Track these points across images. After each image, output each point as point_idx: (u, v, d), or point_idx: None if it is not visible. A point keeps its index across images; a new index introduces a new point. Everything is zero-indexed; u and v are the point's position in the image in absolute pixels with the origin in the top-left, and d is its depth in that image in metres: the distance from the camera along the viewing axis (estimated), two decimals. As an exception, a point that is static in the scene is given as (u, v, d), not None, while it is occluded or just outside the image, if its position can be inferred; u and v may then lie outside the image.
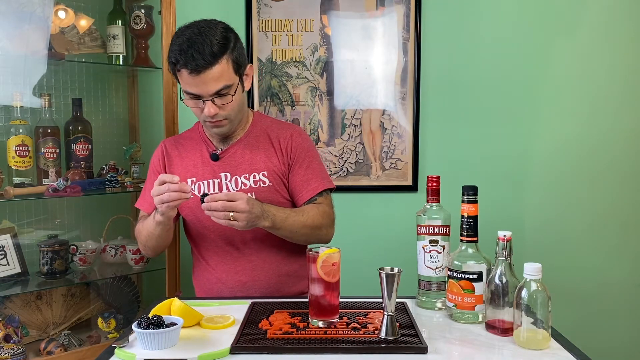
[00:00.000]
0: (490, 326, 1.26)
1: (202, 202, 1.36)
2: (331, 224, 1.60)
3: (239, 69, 1.48)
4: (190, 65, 1.39)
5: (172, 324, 1.17)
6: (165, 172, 1.61)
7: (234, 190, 1.55)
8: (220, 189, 1.56)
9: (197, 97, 1.45)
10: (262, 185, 1.56)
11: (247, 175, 1.56)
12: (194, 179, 1.58)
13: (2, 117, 1.92)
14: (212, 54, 1.40)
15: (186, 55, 1.40)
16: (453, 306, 1.33)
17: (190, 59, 1.39)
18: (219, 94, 1.44)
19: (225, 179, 1.57)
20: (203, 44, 1.40)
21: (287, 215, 1.48)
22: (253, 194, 1.54)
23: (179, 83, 1.50)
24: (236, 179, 1.56)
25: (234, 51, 1.46)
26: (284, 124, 1.69)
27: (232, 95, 1.46)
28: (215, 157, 1.58)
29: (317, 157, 1.65)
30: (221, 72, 1.42)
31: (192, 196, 1.40)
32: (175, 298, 1.30)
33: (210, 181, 1.57)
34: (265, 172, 1.56)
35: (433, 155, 2.38)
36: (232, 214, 1.35)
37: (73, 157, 1.98)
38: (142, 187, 2.05)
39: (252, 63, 1.53)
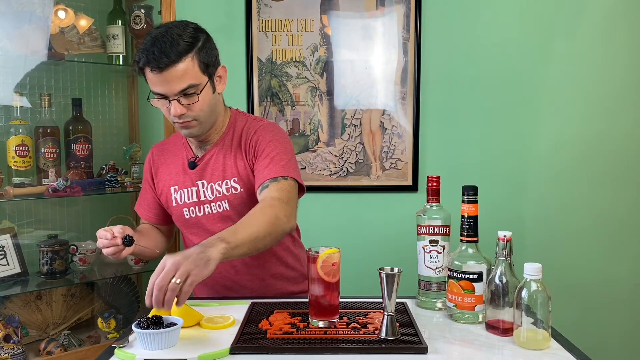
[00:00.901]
0: (491, 326, 1.26)
1: (125, 245, 1.39)
2: (284, 208, 1.36)
3: (208, 69, 1.42)
4: (153, 63, 1.36)
5: (172, 324, 1.17)
6: (154, 180, 1.62)
7: (210, 198, 1.52)
8: (198, 197, 1.53)
9: (163, 97, 1.41)
10: (234, 192, 1.50)
11: (220, 183, 1.51)
12: (176, 187, 1.56)
13: (2, 117, 1.92)
14: (177, 52, 1.36)
15: (148, 53, 1.36)
16: (453, 306, 1.33)
17: (152, 56, 1.35)
18: (184, 93, 1.39)
19: (202, 187, 1.53)
20: (167, 42, 1.36)
21: (235, 228, 1.28)
22: (226, 201, 1.50)
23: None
24: (212, 187, 1.52)
25: (202, 50, 1.41)
26: (256, 121, 1.57)
27: (198, 94, 1.41)
28: (192, 165, 1.54)
29: (283, 148, 1.49)
30: (185, 70, 1.37)
31: (121, 244, 1.38)
32: (176, 298, 1.30)
33: (189, 189, 1.54)
34: (236, 178, 1.50)
35: (433, 155, 2.38)
36: (173, 280, 1.11)
37: (73, 157, 1.98)
38: (142, 187, 2.06)
39: (224, 65, 1.50)
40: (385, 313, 1.19)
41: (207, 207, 1.53)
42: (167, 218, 1.64)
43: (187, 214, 1.55)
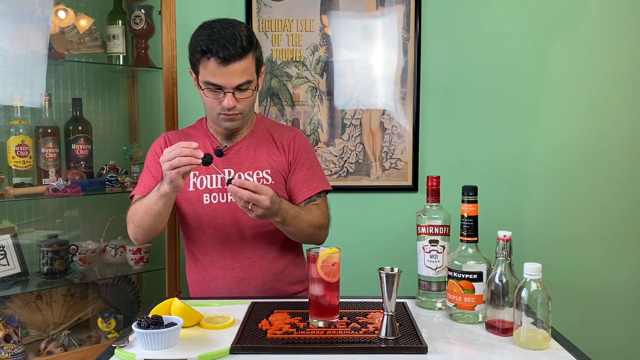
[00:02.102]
0: (490, 326, 1.26)
1: (228, 184, 1.35)
2: (328, 225, 1.63)
3: (259, 68, 1.55)
4: (223, 54, 1.43)
5: (172, 324, 1.17)
6: None
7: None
8: (223, 184, 1.57)
9: (218, 88, 1.48)
10: (265, 182, 1.58)
11: (250, 172, 1.58)
12: (197, 172, 1.59)
13: (2, 117, 1.92)
14: (242, 47, 1.46)
15: (218, 44, 1.44)
16: (453, 306, 1.33)
17: (222, 47, 1.43)
18: (240, 87, 1.48)
19: (229, 175, 1.57)
20: (234, 37, 1.45)
21: (297, 213, 1.51)
22: None
23: (195, 74, 1.53)
24: (239, 175, 1.58)
25: (257, 50, 1.52)
26: (285, 126, 1.76)
27: (253, 90, 1.52)
28: (219, 153, 1.59)
29: (317, 159, 1.70)
30: (246, 66, 1.47)
31: (200, 163, 1.34)
32: (175, 298, 1.30)
33: (214, 176, 1.58)
34: (269, 170, 1.60)
35: (433, 155, 2.38)
36: (246, 205, 1.37)
37: (73, 157, 1.98)
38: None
39: (265, 66, 1.61)
40: (385, 313, 1.19)
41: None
42: None
43: (206, 199, 1.57)
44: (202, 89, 1.51)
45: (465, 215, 1.33)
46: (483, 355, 1.16)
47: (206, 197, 1.57)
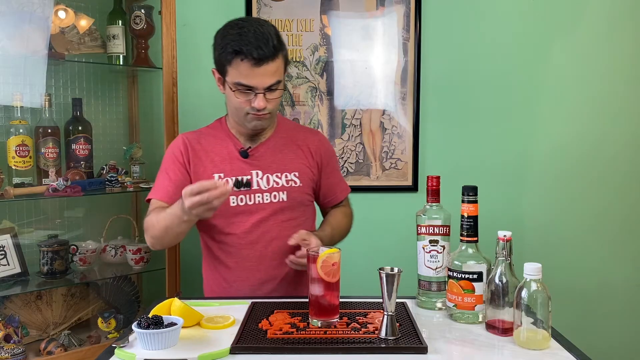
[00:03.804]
0: (490, 326, 1.26)
1: (238, 187, 1.33)
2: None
3: (286, 67, 1.54)
4: (257, 54, 1.41)
5: (172, 324, 1.17)
6: (189, 165, 1.58)
7: (265, 187, 1.57)
8: (251, 186, 1.58)
9: (249, 89, 1.45)
10: (293, 185, 1.60)
11: (279, 174, 1.59)
12: (222, 174, 1.56)
13: (2, 117, 1.92)
14: (274, 46, 1.43)
15: (252, 45, 1.41)
16: (453, 306, 1.33)
17: (256, 48, 1.41)
18: (270, 88, 1.47)
19: (256, 177, 1.57)
20: (267, 38, 1.43)
21: (331, 235, 1.63)
22: (285, 192, 1.58)
23: (221, 75, 1.49)
24: (267, 177, 1.58)
25: (285, 49, 1.50)
26: (307, 128, 1.79)
27: (281, 90, 1.51)
28: (245, 154, 1.58)
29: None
30: (277, 66, 1.46)
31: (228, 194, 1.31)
32: (175, 298, 1.30)
33: (240, 178, 1.57)
34: (297, 173, 1.61)
35: (433, 155, 2.38)
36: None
37: (73, 157, 1.98)
38: (142, 187, 2.06)
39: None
40: (385, 313, 1.19)
41: (259, 197, 1.57)
42: None
43: (233, 202, 1.55)
44: (233, 90, 1.47)
45: (465, 215, 1.33)
46: (483, 355, 1.16)
47: (233, 199, 1.55)
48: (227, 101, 1.54)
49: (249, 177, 1.54)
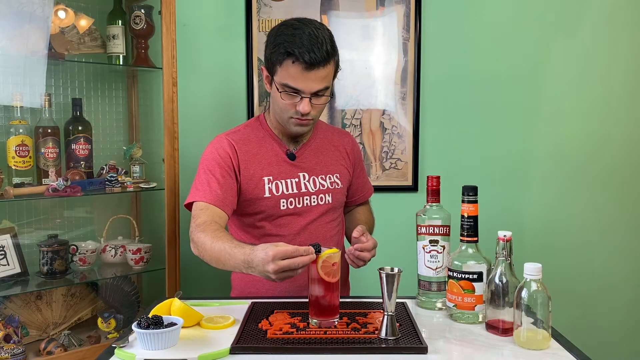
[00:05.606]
0: (490, 326, 1.26)
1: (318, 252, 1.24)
2: None
3: (336, 74, 1.50)
4: (309, 57, 1.37)
5: (172, 324, 1.17)
6: (239, 169, 1.52)
7: (312, 190, 1.58)
8: (299, 189, 1.57)
9: (296, 92, 1.43)
10: (336, 187, 1.63)
11: (324, 177, 1.61)
12: (271, 177, 1.55)
13: (2, 117, 1.92)
14: (327, 51, 1.40)
15: (305, 48, 1.38)
16: (453, 306, 1.33)
17: (309, 52, 1.37)
18: (317, 93, 1.44)
19: (304, 179, 1.57)
20: (322, 42, 1.39)
21: (370, 228, 1.73)
22: (330, 194, 1.60)
23: (270, 73, 1.47)
24: (314, 179, 1.59)
25: (337, 54, 1.47)
26: (337, 128, 1.81)
27: (329, 97, 1.48)
28: (292, 157, 1.57)
29: None
30: (328, 72, 1.44)
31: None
32: (175, 298, 1.30)
33: (289, 180, 1.56)
34: (338, 175, 1.64)
35: (433, 155, 2.38)
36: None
37: (73, 157, 1.98)
38: (142, 187, 2.06)
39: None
40: (385, 313, 1.19)
41: (307, 199, 1.57)
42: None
43: (283, 205, 1.55)
44: (280, 91, 1.45)
45: (465, 215, 1.33)
46: (483, 355, 1.16)
47: (283, 202, 1.55)
48: (272, 101, 1.53)
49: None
